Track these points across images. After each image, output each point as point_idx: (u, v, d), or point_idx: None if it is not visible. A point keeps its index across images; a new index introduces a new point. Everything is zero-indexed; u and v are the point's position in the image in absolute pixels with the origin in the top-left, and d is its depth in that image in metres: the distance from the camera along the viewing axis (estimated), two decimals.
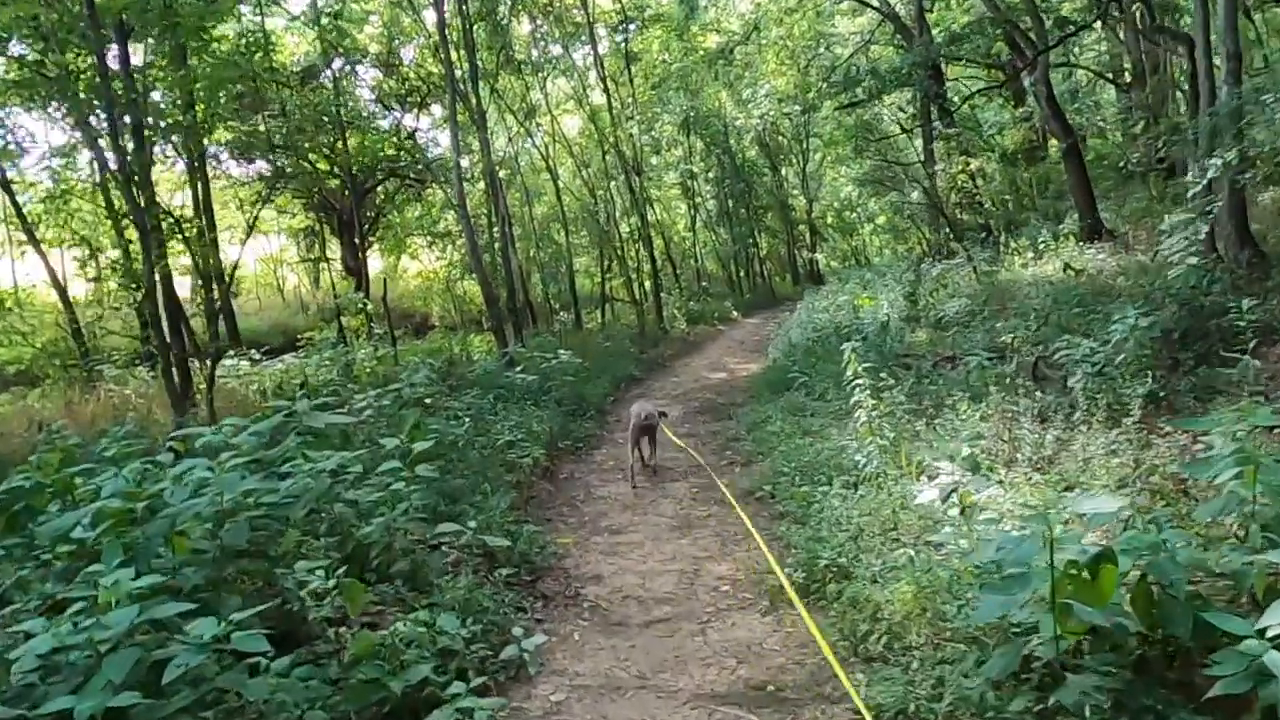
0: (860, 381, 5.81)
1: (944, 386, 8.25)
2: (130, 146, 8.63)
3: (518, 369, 11.09)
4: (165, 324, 9.41)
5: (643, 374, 14.44)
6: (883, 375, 9.09)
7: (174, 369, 7.97)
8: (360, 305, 14.86)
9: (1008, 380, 7.52)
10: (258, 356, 12.73)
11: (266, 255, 31.06)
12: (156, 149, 13.42)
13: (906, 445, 6.08)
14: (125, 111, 8.90)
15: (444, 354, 14.51)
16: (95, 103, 8.56)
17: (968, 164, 17.19)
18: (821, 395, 9.67)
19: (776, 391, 10.75)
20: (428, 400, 9.96)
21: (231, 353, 12.68)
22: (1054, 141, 24.43)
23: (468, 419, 8.94)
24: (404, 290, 27.64)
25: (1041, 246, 15.75)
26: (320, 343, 13.83)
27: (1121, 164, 19.19)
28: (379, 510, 4.83)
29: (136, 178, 8.92)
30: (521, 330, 15.67)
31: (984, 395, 7.33)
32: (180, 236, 9.23)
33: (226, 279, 13.72)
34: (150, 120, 9.93)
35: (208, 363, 9.83)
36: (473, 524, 5.17)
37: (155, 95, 10.75)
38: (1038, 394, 6.86)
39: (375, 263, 31.98)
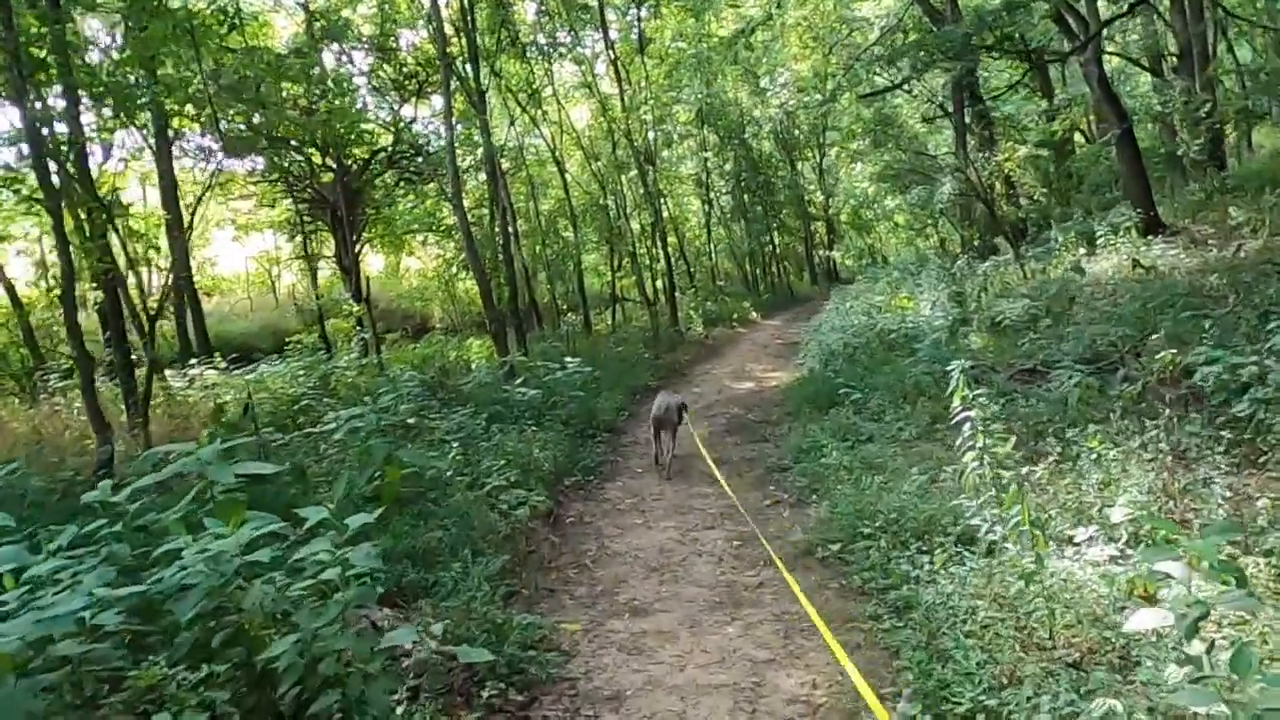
0: (971, 414, 4.29)
1: (1036, 408, 6.71)
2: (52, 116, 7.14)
3: (518, 381, 9.58)
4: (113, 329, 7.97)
5: (659, 383, 12.91)
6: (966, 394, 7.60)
7: (93, 386, 6.48)
8: (348, 306, 13.39)
9: (1129, 402, 5.99)
10: (224, 365, 11.26)
11: (261, 254, 29.66)
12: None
13: (1025, 496, 4.54)
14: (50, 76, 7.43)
15: (438, 361, 13.03)
16: None
17: (1015, 150, 15.59)
18: (878, 415, 8.14)
19: (819, 407, 9.22)
20: (410, 420, 8.48)
21: (194, 361, 11.23)
22: (1080, 136, 22.88)
23: (455, 445, 7.45)
24: (405, 290, 26.23)
25: (1101, 241, 14.18)
26: (301, 349, 12.35)
27: (1180, 152, 17.57)
28: (305, 605, 3.33)
29: (70, 156, 7.49)
30: (524, 334, 14.18)
31: (1097, 420, 5.81)
32: (115, 228, 7.74)
33: (175, 277, 12.29)
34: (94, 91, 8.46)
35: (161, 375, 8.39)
36: (439, 626, 3.66)
37: (94, 55, 9.29)
38: (1174, 421, 5.33)
39: (379, 261, 30.73)
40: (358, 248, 18.59)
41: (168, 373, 11.33)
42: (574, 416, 9.09)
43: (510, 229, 14.69)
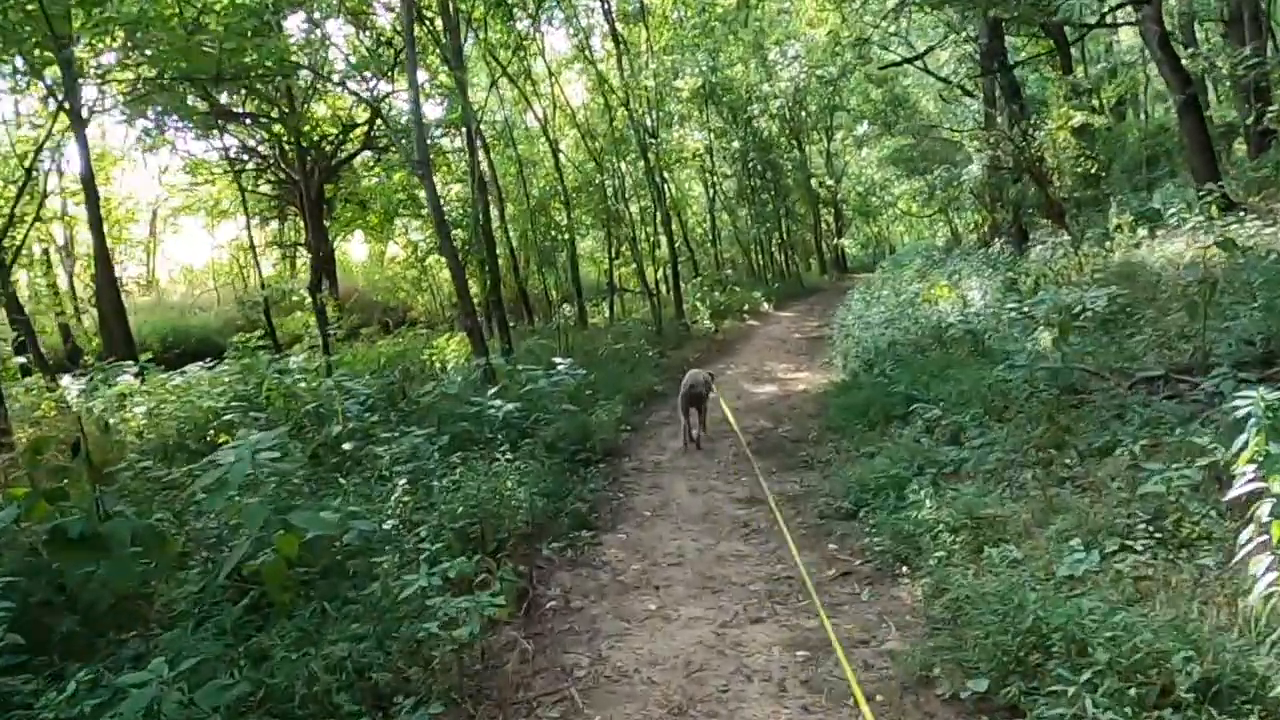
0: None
1: (1203, 434, 4.74)
2: None
3: (492, 391, 7.57)
4: None
5: (666, 387, 10.94)
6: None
7: None
8: (298, 297, 11.41)
9: None
10: (135, 370, 9.26)
11: (233, 241, 27.54)
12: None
13: None
14: None
15: (404, 362, 11.05)
16: None
17: (1068, 118, 13.57)
18: (957, 435, 6.19)
19: (871, 423, 7.27)
20: (347, 447, 6.52)
21: (103, 365, 9.22)
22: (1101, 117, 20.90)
23: (402, 483, 5.51)
24: (378, 280, 24.16)
25: (1175, 220, 12.23)
26: (244, 348, 10.34)
27: (1252, 120, 15.57)
28: None
29: None
30: (508, 329, 12.20)
31: None
32: None
33: (100, 270, 10.31)
34: None
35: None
36: None
37: None
38: None
39: (363, 250, 28.59)
40: (333, 234, 16.62)
41: (67, 378, 9.35)
42: (563, 436, 7.10)
43: (490, 206, 12.69)
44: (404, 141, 11.81)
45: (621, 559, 5.07)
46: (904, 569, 4.45)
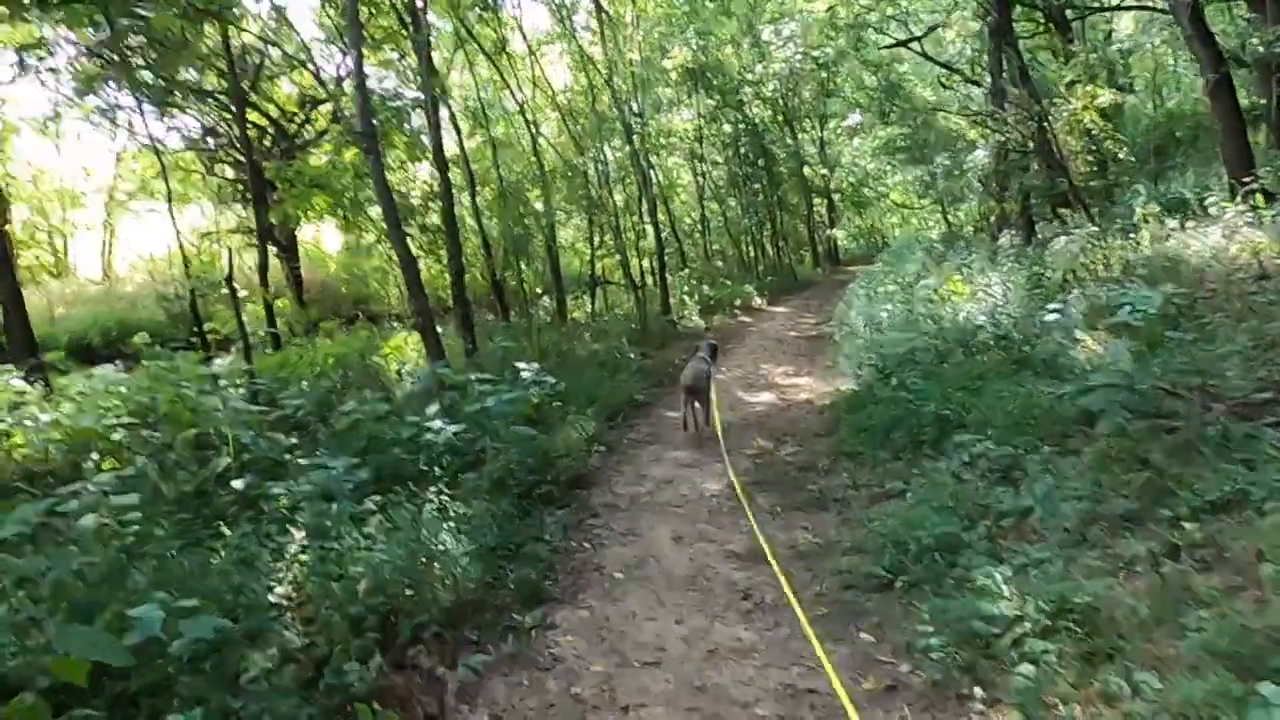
0: None
1: None
2: None
3: (434, 411, 6.20)
4: None
5: (649, 396, 9.60)
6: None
7: None
8: (223, 287, 10.02)
9: None
10: (20, 376, 7.83)
11: (194, 230, 25.92)
12: None
13: None
14: None
15: (349, 366, 9.69)
16: None
17: (1093, 96, 12.28)
18: (1010, 472, 4.90)
19: (895, 449, 5.98)
20: (238, 485, 5.17)
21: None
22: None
23: (298, 541, 4.19)
24: (354, 269, 22.68)
25: (1213, 209, 11.00)
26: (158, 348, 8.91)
27: (1277, 105, 14.34)
28: None
29: None
30: (472, 328, 10.83)
31: None
32: None
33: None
34: None
35: None
36: None
37: None
38: None
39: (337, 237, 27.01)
40: (277, 218, 15.21)
41: None
42: (516, 466, 5.74)
43: (462, 192, 11.29)
44: (349, 116, 10.40)
45: (579, 655, 3.73)
46: (975, 689, 3.13)
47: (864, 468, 5.98)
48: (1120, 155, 12.34)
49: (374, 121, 8.28)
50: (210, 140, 18.70)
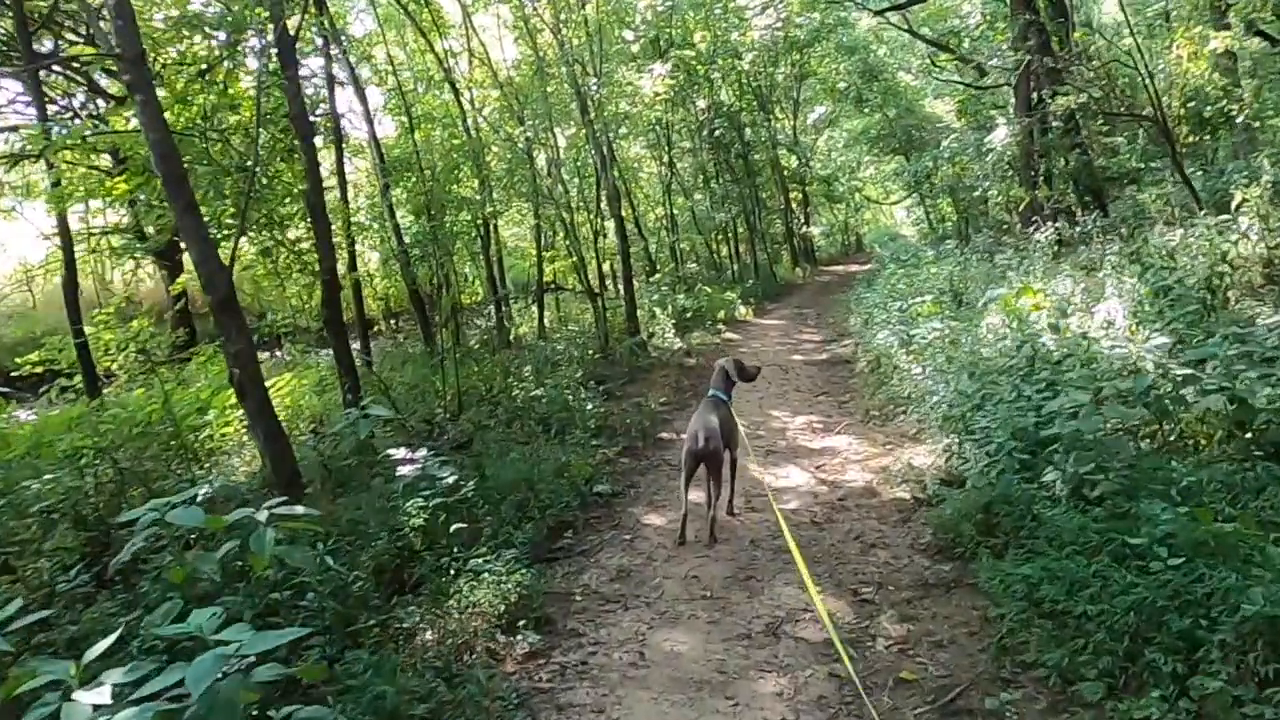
0: None
1: None
2: None
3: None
4: None
5: (616, 479, 6.24)
6: None
7: None
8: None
9: None
10: None
11: (79, 232, 21.83)
12: None
13: None
14: None
15: (135, 440, 6.18)
16: None
17: (1205, 39, 9.20)
18: None
19: (1109, 666, 2.73)
20: None
21: None
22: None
23: None
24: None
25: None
26: None
27: None
28: None
29: None
30: (354, 369, 7.37)
31: None
32: None
33: None
34: None
35: None
36: None
37: None
38: None
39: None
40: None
41: None
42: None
43: (317, 162, 7.76)
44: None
45: None
46: None
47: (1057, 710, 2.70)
48: (1239, 116, 9.19)
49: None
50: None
